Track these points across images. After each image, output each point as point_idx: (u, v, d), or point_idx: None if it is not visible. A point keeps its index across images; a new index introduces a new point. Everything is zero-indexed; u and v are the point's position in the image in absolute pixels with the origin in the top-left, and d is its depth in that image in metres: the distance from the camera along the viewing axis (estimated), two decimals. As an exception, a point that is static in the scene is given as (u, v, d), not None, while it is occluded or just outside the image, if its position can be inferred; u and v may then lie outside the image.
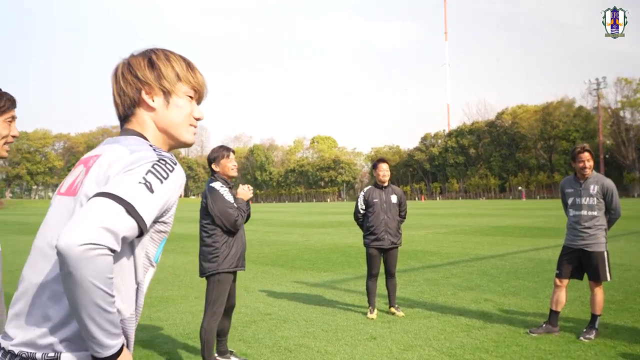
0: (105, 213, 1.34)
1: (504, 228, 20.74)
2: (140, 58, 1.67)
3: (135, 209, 1.38)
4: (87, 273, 1.30)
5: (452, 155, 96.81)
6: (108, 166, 1.52)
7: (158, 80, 1.65)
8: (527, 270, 10.16)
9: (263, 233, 20.98)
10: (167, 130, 1.69)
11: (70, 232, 1.31)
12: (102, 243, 1.31)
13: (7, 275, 11.04)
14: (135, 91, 1.65)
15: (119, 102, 1.68)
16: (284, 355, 5.38)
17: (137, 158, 1.49)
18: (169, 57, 1.68)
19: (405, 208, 7.32)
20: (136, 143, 1.58)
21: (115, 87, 1.67)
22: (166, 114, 1.68)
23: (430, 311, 7.09)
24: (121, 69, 1.67)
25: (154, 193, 1.44)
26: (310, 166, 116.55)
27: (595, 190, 5.81)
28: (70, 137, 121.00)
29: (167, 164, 1.51)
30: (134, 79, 1.65)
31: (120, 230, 1.35)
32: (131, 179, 1.43)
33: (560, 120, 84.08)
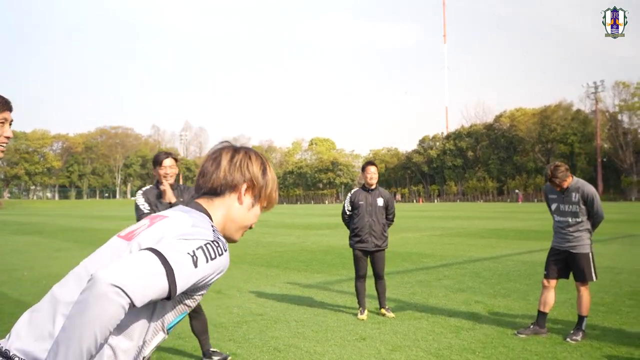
0: (147, 268, 1.41)
1: (499, 231, 20.81)
2: (258, 159, 1.83)
3: (174, 275, 1.44)
4: (96, 312, 1.33)
5: (450, 158, 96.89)
6: (167, 228, 1.60)
7: (264, 188, 1.82)
8: (519, 273, 10.23)
9: (259, 234, 21.03)
10: (233, 224, 1.80)
11: (110, 268, 1.37)
12: (129, 293, 1.35)
13: (3, 275, 11.10)
14: (240, 180, 1.77)
15: (217, 178, 1.77)
16: (273, 355, 5.44)
17: (195, 232, 1.57)
18: (273, 173, 1.86)
19: (392, 211, 7.37)
20: (201, 220, 1.66)
21: (223, 166, 1.77)
22: (245, 213, 1.81)
23: (421, 312, 7.15)
24: (239, 156, 1.80)
25: (197, 268, 1.50)
26: (308, 168, 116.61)
27: (576, 197, 5.92)
28: (68, 137, 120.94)
29: (219, 247, 1.58)
30: (246, 171, 1.78)
31: (152, 290, 1.40)
32: (182, 247, 1.49)
33: (558, 124, 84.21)
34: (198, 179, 1.82)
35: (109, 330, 1.37)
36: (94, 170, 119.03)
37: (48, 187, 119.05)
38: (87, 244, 17.77)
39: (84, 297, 1.35)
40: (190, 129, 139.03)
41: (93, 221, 33.74)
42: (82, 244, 18.27)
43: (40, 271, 11.71)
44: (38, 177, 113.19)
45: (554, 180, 5.94)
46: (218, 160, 1.79)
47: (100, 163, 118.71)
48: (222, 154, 1.80)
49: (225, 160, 1.78)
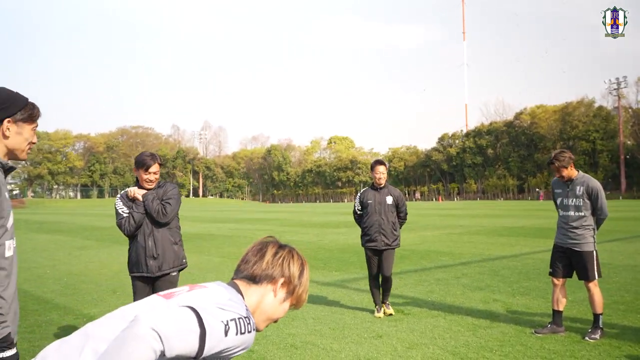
0: (184, 323, 1.51)
1: (519, 229, 20.63)
2: (300, 260, 1.98)
3: (205, 338, 1.54)
4: (133, 348, 1.42)
5: (469, 156, 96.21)
6: (207, 297, 1.74)
7: (298, 288, 1.96)
8: (539, 271, 10.14)
9: (278, 233, 21.10)
10: (262, 313, 1.92)
11: (153, 314, 1.50)
12: (164, 341, 1.45)
13: (26, 272, 11.29)
14: (279, 276, 1.92)
15: (259, 269, 1.92)
16: (289, 352, 5.47)
17: (231, 305, 1.70)
18: (308, 277, 2.01)
19: (404, 209, 7.28)
20: (237, 299, 1.79)
21: (266, 259, 1.92)
22: (276, 306, 1.93)
23: (438, 310, 7.13)
24: (281, 254, 1.95)
25: (226, 337, 1.60)
26: (327, 166, 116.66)
27: (581, 191, 5.88)
28: (90, 137, 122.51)
29: (249, 325, 1.70)
30: (287, 268, 1.93)
31: (184, 345, 1.49)
32: (218, 315, 1.61)
33: (579, 121, 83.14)
34: (240, 264, 1.97)
35: None
36: (115, 170, 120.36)
37: (70, 186, 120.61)
38: (108, 242, 18.00)
39: (125, 334, 1.46)
40: (210, 128, 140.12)
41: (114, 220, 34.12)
42: (103, 242, 18.51)
43: (62, 269, 11.90)
44: (60, 176, 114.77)
45: (554, 162, 5.92)
46: (263, 252, 1.94)
47: (121, 162, 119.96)
48: (268, 247, 1.96)
49: (270, 253, 1.94)
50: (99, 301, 8.28)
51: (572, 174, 5.98)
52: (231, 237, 19.74)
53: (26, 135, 2.60)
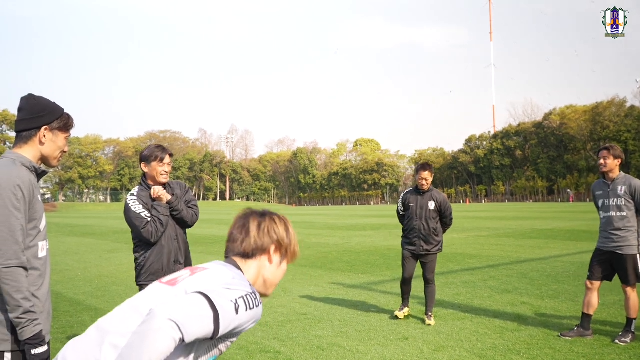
0: (198, 309, 1.59)
1: (548, 231, 20.34)
2: (281, 222, 2.03)
3: (219, 319, 1.63)
4: (154, 342, 1.50)
5: (497, 157, 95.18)
6: (211, 279, 1.80)
7: (289, 245, 2.03)
8: (568, 274, 10.01)
9: (304, 235, 21.18)
10: (266, 282, 2.01)
11: (168, 305, 1.57)
12: (182, 329, 1.54)
13: (58, 275, 11.54)
14: (269, 245, 1.98)
15: (248, 245, 1.97)
16: (316, 353, 5.51)
17: (236, 284, 1.77)
18: (295, 234, 2.06)
19: (448, 214, 7.03)
20: (240, 276, 1.87)
21: (252, 233, 1.97)
22: (275, 271, 2.02)
23: (465, 313, 7.10)
24: (265, 222, 1.99)
25: (237, 315, 1.69)
26: (353, 169, 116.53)
27: (622, 190, 5.76)
28: (119, 142, 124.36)
29: (256, 299, 1.79)
30: (274, 234, 1.99)
31: (201, 330, 1.59)
32: (226, 295, 1.68)
33: (610, 121, 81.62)
34: (228, 243, 2.02)
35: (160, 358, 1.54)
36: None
37: (100, 190, 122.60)
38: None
39: (143, 329, 1.54)
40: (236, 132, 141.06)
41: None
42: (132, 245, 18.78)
43: (93, 271, 12.13)
44: (91, 180, 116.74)
45: (608, 149, 5.83)
46: (247, 227, 1.99)
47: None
48: (249, 221, 2.00)
49: (253, 227, 1.98)
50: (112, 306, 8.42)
51: (616, 170, 5.89)
52: (258, 239, 19.84)
53: (60, 143, 2.72)
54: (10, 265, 2.40)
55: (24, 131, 2.64)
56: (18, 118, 2.68)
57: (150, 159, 4.49)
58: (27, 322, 2.41)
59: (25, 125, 2.64)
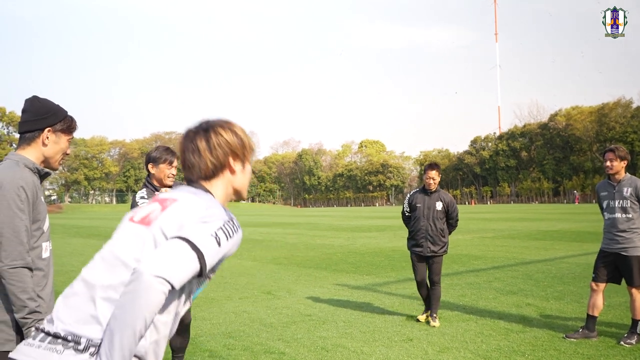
0: (182, 256, 1.61)
1: (553, 232, 20.29)
2: (227, 129, 1.95)
3: (204, 257, 1.65)
4: (144, 300, 1.54)
5: (503, 159, 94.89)
6: (185, 213, 1.76)
7: (243, 148, 1.97)
8: (574, 275, 9.99)
9: (309, 237, 21.20)
10: (238, 191, 2.00)
11: (151, 261, 1.58)
12: (171, 280, 1.58)
13: (63, 276, 11.62)
14: (224, 157, 1.92)
15: (206, 167, 1.91)
16: (320, 354, 5.51)
17: (212, 214, 1.75)
18: (241, 128, 2.00)
19: (454, 216, 7.01)
20: (211, 200, 1.84)
21: (204, 154, 1.90)
22: (242, 178, 2.00)
23: (470, 314, 7.09)
24: (213, 138, 1.91)
25: (220, 247, 1.71)
26: (358, 170, 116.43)
27: (628, 192, 5.74)
28: (125, 143, 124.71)
29: (234, 225, 1.78)
30: (225, 147, 1.92)
31: (188, 274, 1.63)
32: (205, 230, 1.69)
33: (616, 122, 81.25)
34: (185, 172, 1.95)
35: (155, 314, 1.59)
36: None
37: (106, 191, 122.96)
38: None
39: (132, 288, 1.56)
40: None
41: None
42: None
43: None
44: (97, 182, 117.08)
45: (613, 150, 5.80)
46: (197, 149, 1.90)
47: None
48: (196, 142, 1.91)
49: (203, 147, 1.90)
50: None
51: (622, 172, 5.87)
52: (262, 241, 19.89)
53: (62, 145, 2.75)
54: (16, 265, 2.42)
55: (27, 132, 2.67)
56: (22, 119, 2.71)
57: (159, 161, 4.50)
58: (32, 322, 2.43)
59: (29, 127, 2.66)
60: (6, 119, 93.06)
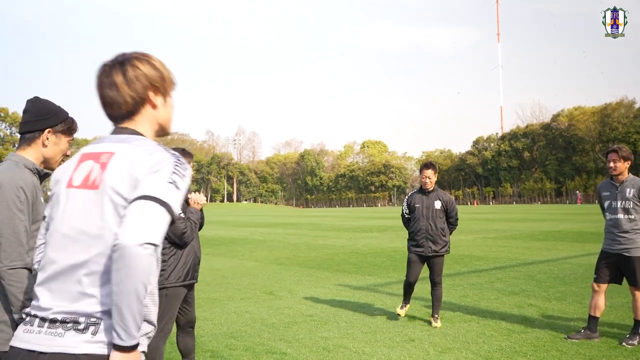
0: (153, 215, 1.63)
1: (556, 233, 20.26)
2: (144, 61, 1.87)
3: (171, 207, 1.67)
4: (139, 269, 1.56)
5: (505, 159, 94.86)
6: (130, 166, 1.72)
7: (162, 82, 1.90)
8: (576, 276, 9.97)
9: (311, 237, 21.20)
10: (163, 126, 1.96)
11: (128, 231, 1.58)
12: (152, 242, 1.60)
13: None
14: (144, 91, 1.85)
15: (125, 101, 1.83)
16: (322, 355, 5.51)
17: (159, 160, 1.73)
18: (160, 62, 1.92)
19: (454, 214, 6.98)
20: (147, 144, 1.80)
21: (122, 88, 1.82)
22: (165, 112, 1.94)
23: (471, 315, 7.08)
24: (130, 71, 1.83)
25: (179, 190, 1.71)
26: (360, 171, 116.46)
27: (631, 193, 5.71)
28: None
29: (183, 163, 1.77)
30: (143, 79, 1.84)
31: (164, 227, 1.65)
32: (161, 179, 1.68)
33: (619, 122, 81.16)
34: (107, 111, 1.88)
35: (153, 274, 1.62)
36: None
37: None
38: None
39: (122, 264, 1.57)
40: (244, 134, 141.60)
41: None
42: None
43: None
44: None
45: (616, 151, 5.76)
46: (115, 85, 1.82)
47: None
48: (114, 77, 1.82)
49: (121, 81, 1.82)
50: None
51: (625, 173, 5.84)
52: (264, 241, 19.90)
53: (62, 146, 2.76)
54: (15, 266, 2.42)
55: (28, 133, 2.67)
56: (23, 120, 2.71)
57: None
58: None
59: (29, 127, 2.66)
60: (9, 119, 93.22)
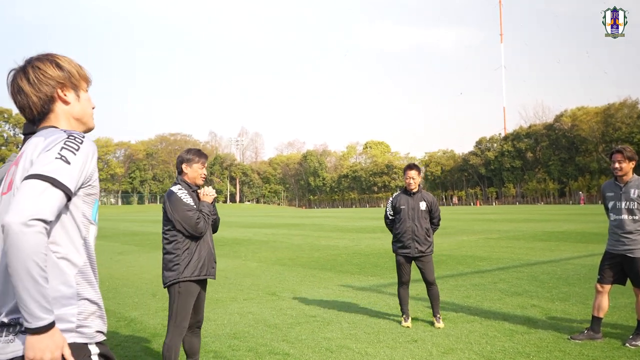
0: (35, 191, 1.62)
1: (559, 233, 20.21)
2: (46, 62, 1.92)
3: (58, 180, 1.66)
4: (25, 247, 1.56)
5: (508, 160, 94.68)
6: (30, 154, 1.79)
7: (69, 79, 1.94)
8: (579, 277, 9.95)
9: (314, 238, 21.20)
10: (80, 120, 2.00)
11: (11, 212, 1.59)
12: (37, 217, 1.59)
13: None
14: (51, 90, 1.90)
15: (34, 103, 1.90)
16: (325, 355, 5.51)
17: (51, 140, 1.78)
18: (67, 59, 1.97)
19: (437, 215, 7.05)
20: (50, 131, 1.86)
21: (28, 91, 1.89)
22: (79, 106, 1.98)
23: (474, 316, 7.07)
24: (31, 74, 1.89)
25: (71, 164, 1.71)
26: (363, 171, 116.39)
27: (635, 194, 5.69)
28: (130, 144, 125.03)
29: (77, 139, 1.79)
30: (47, 79, 1.90)
31: (53, 202, 1.64)
32: (49, 156, 1.71)
33: (622, 122, 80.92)
34: (23, 114, 1.95)
35: (45, 253, 1.60)
36: (154, 176, 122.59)
37: (111, 192, 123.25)
38: (147, 248, 18.37)
39: (9, 243, 1.57)
40: (246, 135, 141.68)
41: (154, 225, 34.76)
42: (142, 247, 18.90)
43: (104, 273, 12.20)
44: (102, 183, 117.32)
45: (621, 152, 5.76)
46: (21, 90, 1.89)
47: (160, 169, 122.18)
48: (19, 82, 1.90)
49: (25, 85, 1.89)
50: (140, 304, 8.47)
51: (630, 173, 5.83)
52: (267, 242, 19.91)
53: None
54: None
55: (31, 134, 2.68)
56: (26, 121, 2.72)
57: (192, 161, 4.66)
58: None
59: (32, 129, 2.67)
60: (12, 120, 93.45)
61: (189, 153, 4.72)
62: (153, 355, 5.68)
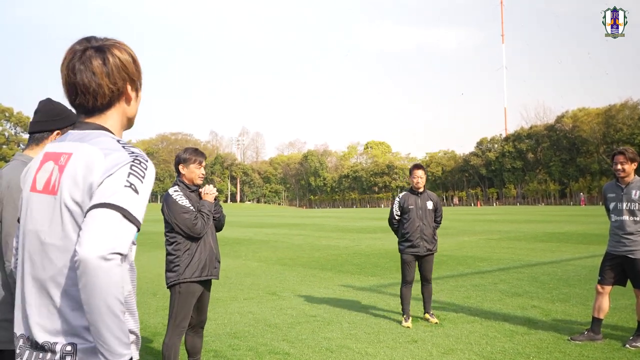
0: (110, 224, 1.51)
1: (560, 234, 20.21)
2: (124, 52, 1.72)
3: (131, 213, 1.55)
4: (106, 283, 1.46)
5: (509, 160, 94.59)
6: (85, 169, 1.60)
7: (139, 75, 1.79)
8: (579, 278, 9.95)
9: (314, 238, 21.21)
10: (130, 119, 1.83)
11: (85, 244, 1.47)
12: (116, 251, 1.49)
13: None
14: (123, 84, 1.71)
15: (103, 94, 1.68)
16: (325, 355, 5.52)
17: (115, 161, 1.60)
18: (135, 53, 1.78)
19: (440, 214, 7.21)
20: (105, 142, 1.66)
21: (101, 78, 1.66)
22: (134, 107, 1.81)
23: (474, 316, 7.08)
24: (110, 60, 1.68)
25: (139, 194, 1.58)
26: (364, 172, 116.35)
27: (637, 195, 5.70)
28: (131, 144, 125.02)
29: (142, 163, 1.64)
30: (123, 73, 1.70)
31: (127, 235, 1.54)
32: (117, 183, 1.55)
33: (624, 124, 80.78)
34: (75, 99, 1.70)
35: (123, 285, 1.53)
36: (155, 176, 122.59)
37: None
38: (147, 247, 18.37)
39: (86, 280, 1.47)
40: (247, 134, 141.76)
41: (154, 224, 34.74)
42: (143, 246, 18.89)
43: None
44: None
45: (623, 153, 5.77)
46: (93, 73, 1.66)
47: (161, 169, 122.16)
48: (92, 63, 1.66)
49: (99, 69, 1.66)
50: (140, 303, 8.46)
51: (631, 174, 5.84)
52: (268, 241, 19.92)
53: None
54: None
55: (37, 133, 2.69)
56: (33, 120, 2.74)
57: (189, 161, 4.61)
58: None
59: (39, 127, 2.69)
60: (14, 119, 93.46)
61: (186, 153, 4.70)
62: (153, 355, 5.68)
